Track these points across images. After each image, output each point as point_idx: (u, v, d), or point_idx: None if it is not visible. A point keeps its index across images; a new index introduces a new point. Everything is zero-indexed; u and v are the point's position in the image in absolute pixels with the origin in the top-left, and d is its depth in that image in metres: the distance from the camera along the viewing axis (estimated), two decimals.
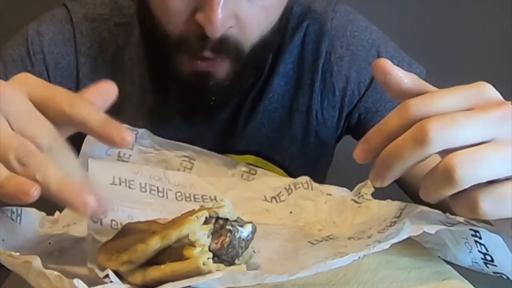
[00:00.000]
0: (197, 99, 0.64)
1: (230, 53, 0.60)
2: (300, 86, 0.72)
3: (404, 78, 0.40)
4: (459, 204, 0.38)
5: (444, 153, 0.37)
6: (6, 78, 0.67)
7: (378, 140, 0.39)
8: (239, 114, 0.72)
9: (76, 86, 0.69)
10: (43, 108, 0.38)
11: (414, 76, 0.41)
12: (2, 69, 0.68)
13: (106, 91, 0.41)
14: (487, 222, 0.44)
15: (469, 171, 0.36)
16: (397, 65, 0.41)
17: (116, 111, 0.73)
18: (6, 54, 0.69)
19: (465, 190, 0.37)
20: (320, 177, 0.80)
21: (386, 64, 0.40)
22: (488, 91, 0.39)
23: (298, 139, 0.73)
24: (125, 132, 0.39)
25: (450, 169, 0.36)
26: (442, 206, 0.56)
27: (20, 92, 0.38)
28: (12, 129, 0.37)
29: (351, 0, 0.79)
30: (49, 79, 0.67)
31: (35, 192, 0.35)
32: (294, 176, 0.67)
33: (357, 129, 0.75)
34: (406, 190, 0.69)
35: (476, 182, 0.36)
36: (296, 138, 0.73)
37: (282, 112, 0.72)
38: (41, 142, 0.37)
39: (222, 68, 0.61)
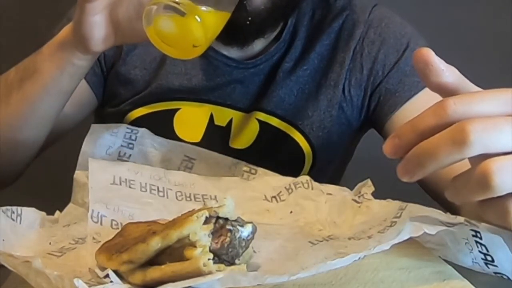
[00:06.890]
0: (235, 18, 0.67)
1: None
2: (331, 64, 0.78)
3: (445, 71, 0.39)
4: (489, 210, 0.37)
5: (479, 157, 0.36)
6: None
7: (410, 137, 0.38)
8: (274, 79, 0.78)
9: None
10: None
11: (456, 70, 0.40)
12: (66, 23, 0.78)
13: None
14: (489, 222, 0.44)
15: (507, 179, 0.35)
16: None
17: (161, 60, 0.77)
18: (70, 12, 0.79)
19: (497, 196, 0.36)
20: (338, 166, 0.85)
21: (428, 54, 0.39)
22: None
23: (322, 110, 0.78)
24: None
25: (487, 175, 0.35)
26: (450, 206, 0.56)
27: None
28: None
29: None
30: None
31: None
32: (314, 145, 0.78)
33: (376, 114, 0.78)
34: (422, 184, 0.69)
35: None
36: (320, 109, 0.78)
37: (312, 85, 0.78)
38: None
39: None
